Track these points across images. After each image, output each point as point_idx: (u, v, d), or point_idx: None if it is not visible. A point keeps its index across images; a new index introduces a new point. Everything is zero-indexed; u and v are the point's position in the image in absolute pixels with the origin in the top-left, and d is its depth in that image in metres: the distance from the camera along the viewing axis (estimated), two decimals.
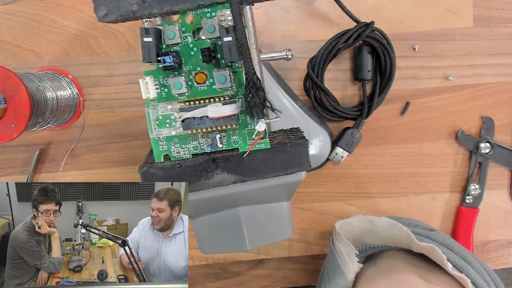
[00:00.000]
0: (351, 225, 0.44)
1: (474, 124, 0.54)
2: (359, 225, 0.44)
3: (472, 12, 0.52)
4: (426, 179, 0.55)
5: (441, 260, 0.38)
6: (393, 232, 0.42)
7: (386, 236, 0.43)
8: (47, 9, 0.52)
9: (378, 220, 0.43)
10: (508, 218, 0.55)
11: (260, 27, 0.52)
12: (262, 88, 0.32)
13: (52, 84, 0.49)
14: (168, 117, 0.35)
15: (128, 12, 0.32)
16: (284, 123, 0.41)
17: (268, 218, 0.42)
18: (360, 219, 0.44)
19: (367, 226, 0.43)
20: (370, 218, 0.43)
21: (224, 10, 0.33)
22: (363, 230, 0.44)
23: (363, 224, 0.44)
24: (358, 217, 0.44)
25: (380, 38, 0.49)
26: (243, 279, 0.57)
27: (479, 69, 0.53)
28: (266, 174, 0.35)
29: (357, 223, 0.44)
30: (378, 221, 0.43)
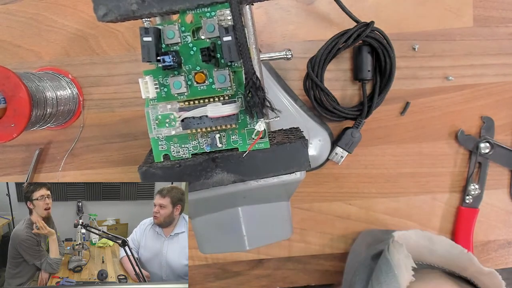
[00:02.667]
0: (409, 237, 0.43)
1: (474, 124, 0.54)
2: (416, 240, 0.43)
3: (472, 12, 0.52)
4: (426, 179, 0.55)
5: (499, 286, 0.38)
6: (452, 252, 0.42)
7: (443, 255, 0.43)
8: (47, 9, 0.52)
9: (437, 238, 0.42)
10: (508, 218, 0.55)
11: (260, 27, 0.52)
12: (261, 88, 0.32)
13: (52, 84, 0.49)
14: (168, 117, 0.35)
15: (128, 12, 0.32)
16: (284, 123, 0.41)
17: (268, 218, 0.42)
18: (419, 234, 0.43)
19: (425, 242, 0.43)
20: (429, 235, 0.43)
21: (223, 9, 0.33)
22: (419, 245, 0.43)
23: (421, 240, 0.43)
24: (417, 231, 0.43)
25: (380, 38, 0.49)
26: (243, 279, 0.57)
27: (479, 69, 0.53)
28: (265, 174, 0.35)
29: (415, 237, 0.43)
30: (437, 239, 0.42)
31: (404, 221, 0.55)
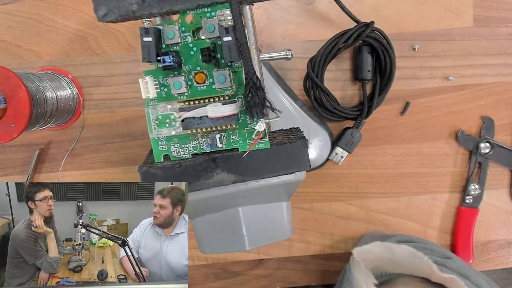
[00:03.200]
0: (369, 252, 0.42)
1: (474, 124, 0.54)
2: (377, 253, 0.42)
3: (472, 12, 0.52)
4: (426, 179, 0.55)
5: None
6: (414, 261, 0.41)
7: (406, 265, 0.42)
8: (47, 9, 0.52)
9: (397, 248, 0.41)
10: (508, 218, 0.55)
11: (260, 27, 0.52)
12: (261, 88, 0.32)
13: (52, 84, 0.49)
14: (168, 117, 0.35)
15: (128, 12, 0.32)
16: (284, 123, 0.41)
17: (268, 218, 0.42)
18: (379, 247, 0.42)
19: (386, 254, 0.42)
20: (389, 246, 0.42)
21: (223, 10, 0.33)
22: (382, 258, 0.42)
23: (382, 252, 0.42)
24: (377, 244, 0.42)
25: (380, 38, 0.49)
26: (243, 279, 0.57)
27: (479, 69, 0.53)
28: (266, 174, 0.35)
29: (376, 250, 0.42)
30: (397, 249, 0.41)
31: (404, 221, 0.55)
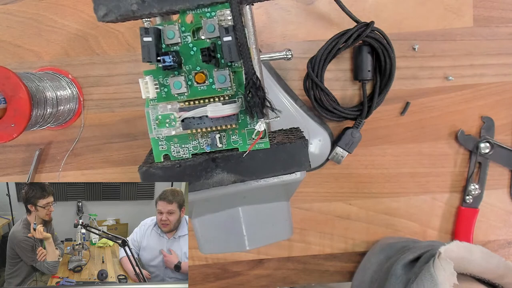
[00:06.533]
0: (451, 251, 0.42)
1: (474, 124, 0.54)
2: (457, 252, 0.42)
3: (472, 12, 0.52)
4: (426, 179, 0.55)
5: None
6: (491, 262, 0.42)
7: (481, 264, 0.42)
8: (47, 9, 0.52)
9: (475, 248, 0.42)
10: (508, 218, 0.55)
11: (260, 27, 0.52)
12: (261, 88, 0.32)
13: (52, 84, 0.49)
14: (168, 117, 0.35)
15: (128, 12, 0.32)
16: (284, 123, 0.41)
17: (268, 218, 0.42)
18: (459, 246, 0.42)
19: (464, 254, 0.42)
20: (468, 246, 0.42)
21: (224, 9, 0.33)
22: (459, 257, 0.43)
23: (461, 251, 0.43)
24: (457, 243, 0.42)
25: (380, 38, 0.49)
26: (243, 279, 0.57)
27: (479, 69, 0.53)
28: (266, 174, 0.35)
29: (456, 249, 0.42)
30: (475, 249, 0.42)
31: (404, 221, 0.55)
